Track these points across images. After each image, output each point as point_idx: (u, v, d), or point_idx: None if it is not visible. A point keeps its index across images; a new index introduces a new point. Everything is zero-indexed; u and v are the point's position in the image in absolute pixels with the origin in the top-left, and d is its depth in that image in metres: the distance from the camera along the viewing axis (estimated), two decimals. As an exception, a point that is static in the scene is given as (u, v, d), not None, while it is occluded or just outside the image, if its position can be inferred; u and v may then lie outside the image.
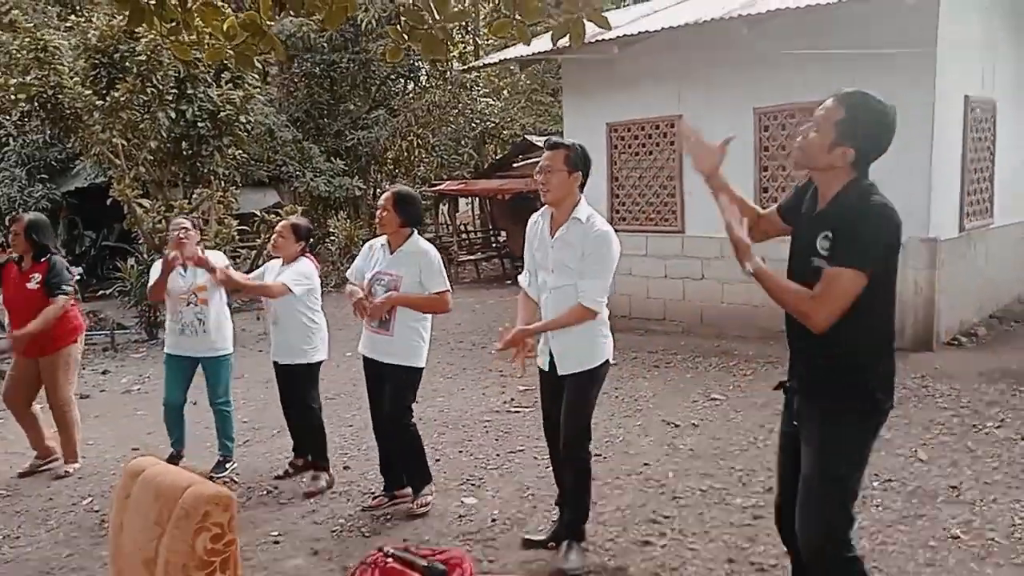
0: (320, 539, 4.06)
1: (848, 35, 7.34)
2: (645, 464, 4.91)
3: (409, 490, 4.43)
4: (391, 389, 4.28)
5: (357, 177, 16.91)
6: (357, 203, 17.97)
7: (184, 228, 4.92)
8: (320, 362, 4.92)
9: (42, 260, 5.19)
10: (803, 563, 2.55)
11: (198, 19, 3.91)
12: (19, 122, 15.42)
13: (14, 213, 6.44)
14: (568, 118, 10.11)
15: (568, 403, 3.61)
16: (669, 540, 3.85)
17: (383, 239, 4.35)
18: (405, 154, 19.72)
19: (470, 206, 24.00)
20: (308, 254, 4.93)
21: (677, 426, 5.62)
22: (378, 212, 4.27)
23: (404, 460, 4.41)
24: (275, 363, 4.97)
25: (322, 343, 4.90)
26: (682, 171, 8.79)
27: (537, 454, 5.20)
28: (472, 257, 17.76)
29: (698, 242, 8.69)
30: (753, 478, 4.61)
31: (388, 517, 4.31)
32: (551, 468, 4.01)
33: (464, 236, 20.68)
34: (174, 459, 5.01)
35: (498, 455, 5.29)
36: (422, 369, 4.33)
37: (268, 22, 3.87)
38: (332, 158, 16.87)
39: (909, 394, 6.03)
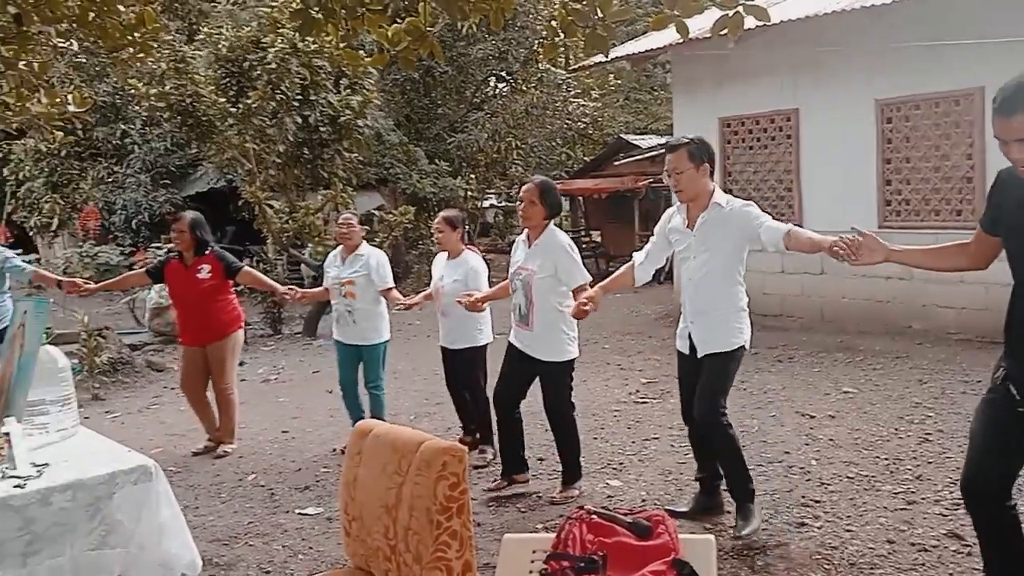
0: (478, 512, 4.26)
1: (972, 22, 7.17)
2: (786, 452, 4.94)
3: (527, 476, 4.55)
4: (548, 385, 4.37)
5: (459, 178, 17.30)
6: (456, 204, 18.37)
7: (346, 223, 5.40)
8: (486, 345, 5.15)
9: (206, 253, 5.59)
10: None
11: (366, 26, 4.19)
12: (143, 130, 16.51)
13: (174, 214, 6.95)
14: (678, 113, 10.16)
15: (704, 383, 3.69)
16: (824, 522, 3.89)
17: (524, 233, 4.41)
18: (500, 155, 20.06)
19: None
20: (470, 245, 5.16)
21: (813, 417, 5.62)
22: (521, 206, 4.30)
23: (565, 451, 4.46)
24: (443, 348, 5.23)
25: (487, 326, 5.13)
26: (799, 165, 8.73)
27: (673, 442, 5.30)
28: (569, 256, 17.88)
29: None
30: (901, 466, 4.59)
31: (539, 496, 4.48)
32: (693, 450, 4.11)
33: (560, 236, 20.86)
34: None
35: (633, 442, 5.40)
36: (571, 361, 4.35)
37: (429, 28, 4.11)
38: (434, 160, 17.31)
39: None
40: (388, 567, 2.34)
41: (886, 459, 4.72)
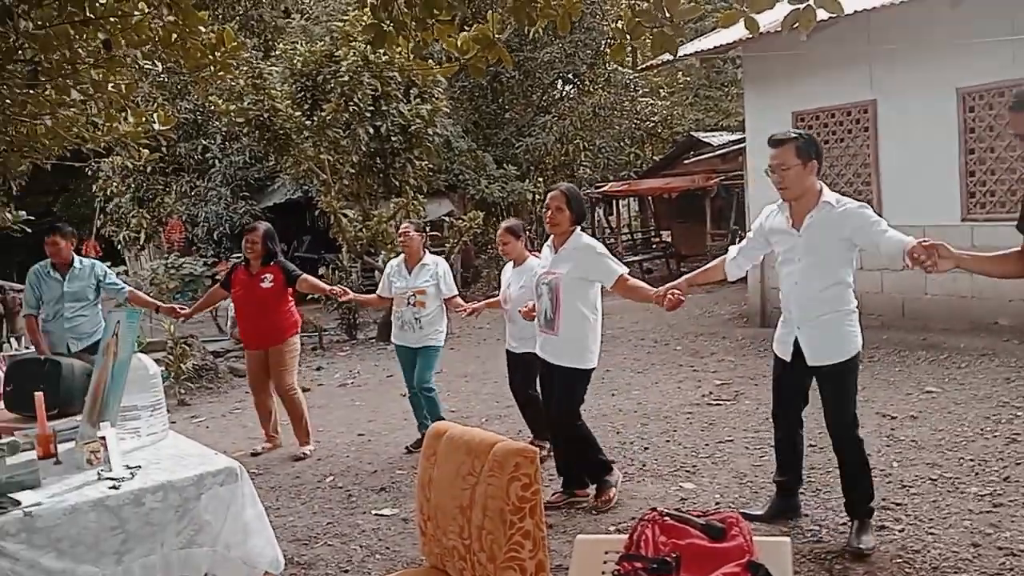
0: (550, 514, 4.28)
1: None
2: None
3: (591, 490, 4.37)
4: (559, 390, 4.26)
5: (527, 182, 17.39)
6: (520, 208, 18.46)
7: (405, 232, 5.65)
8: None
9: (271, 263, 5.78)
10: None
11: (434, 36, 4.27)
12: (223, 145, 17.13)
13: (248, 224, 7.19)
14: (750, 110, 9.99)
15: (830, 398, 3.61)
16: (906, 525, 3.79)
17: (551, 240, 4.33)
18: (568, 157, 20.06)
19: (627, 208, 24.03)
20: (535, 252, 5.21)
21: (894, 418, 5.46)
22: (548, 213, 4.21)
23: (579, 460, 4.35)
24: (508, 352, 5.31)
25: None
26: (878, 158, 8.48)
27: (748, 444, 5.23)
28: (636, 258, 17.75)
29: (899, 231, 8.34)
30: (987, 467, 4.42)
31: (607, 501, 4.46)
32: (776, 453, 4.03)
33: (627, 237, 20.73)
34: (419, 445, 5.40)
35: (707, 444, 5.34)
36: (589, 371, 4.25)
37: (498, 35, 4.17)
38: (502, 165, 17.44)
39: None
40: (463, 566, 2.40)
41: (971, 460, 4.56)
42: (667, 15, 3.45)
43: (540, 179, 20.25)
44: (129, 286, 6.64)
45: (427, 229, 5.95)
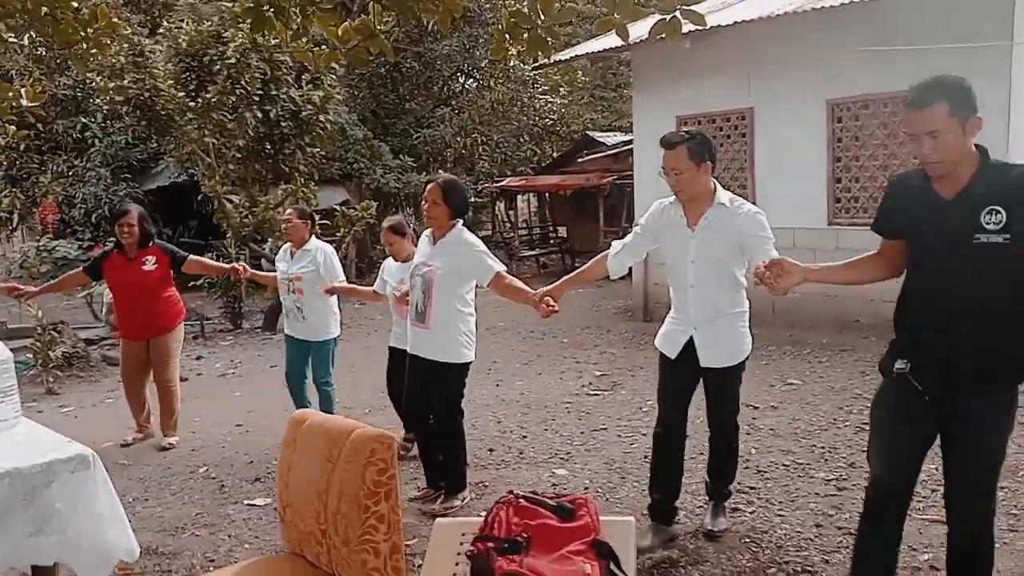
0: (425, 504, 4.35)
1: (921, 25, 7.38)
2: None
3: (460, 498, 4.26)
4: (433, 385, 4.15)
5: (425, 173, 17.34)
6: (418, 200, 18.40)
7: (287, 219, 5.45)
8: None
9: (150, 245, 5.58)
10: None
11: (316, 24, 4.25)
12: (103, 124, 16.33)
13: (120, 206, 6.74)
14: (637, 112, 10.30)
15: (718, 398, 3.67)
16: (757, 508, 4.04)
17: (429, 231, 4.25)
18: (467, 151, 20.13)
19: (527, 203, 24.34)
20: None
21: (756, 408, 5.79)
22: (425, 206, 4.12)
23: (446, 456, 4.29)
24: (391, 348, 5.25)
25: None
26: (753, 163, 8.91)
27: (620, 432, 5.44)
28: (532, 252, 18.02)
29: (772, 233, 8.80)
30: (835, 454, 4.76)
31: (485, 485, 4.57)
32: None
33: (525, 231, 20.98)
34: None
35: (582, 433, 5.52)
36: (465, 365, 4.18)
37: (379, 26, 4.18)
38: (399, 155, 17.33)
39: None
40: (319, 550, 2.43)
41: (822, 448, 4.89)
42: (541, 18, 3.56)
43: (441, 171, 20.24)
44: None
45: (315, 217, 5.79)
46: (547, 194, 20.41)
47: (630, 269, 4.36)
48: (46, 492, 2.53)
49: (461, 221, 4.19)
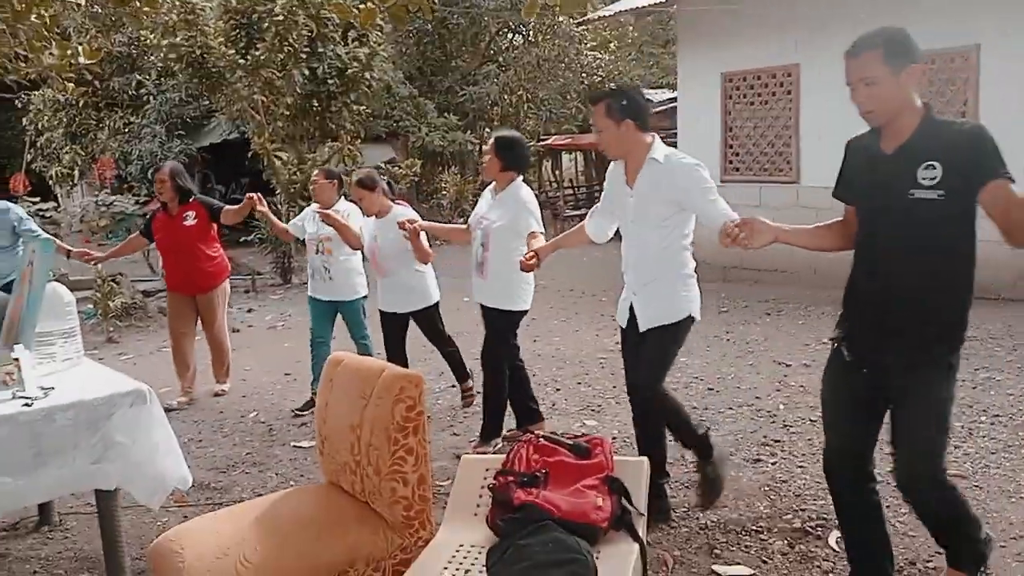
0: (460, 447, 4.56)
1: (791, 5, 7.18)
2: (756, 397, 5.20)
3: (542, 424, 4.51)
4: (489, 331, 4.36)
5: (470, 132, 17.40)
6: (466, 158, 18.51)
7: (314, 180, 5.40)
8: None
9: (190, 201, 5.73)
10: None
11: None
12: (158, 81, 16.71)
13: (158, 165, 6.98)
14: (682, 69, 10.22)
15: (645, 359, 3.36)
16: (780, 459, 4.15)
17: (492, 184, 4.40)
18: (513, 109, 20.11)
19: (574, 162, 24.25)
20: (397, 200, 5.13)
21: (788, 365, 5.86)
22: (486, 158, 4.38)
23: (489, 403, 4.45)
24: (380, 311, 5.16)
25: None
26: (799, 121, 8.81)
27: (652, 386, 5.57)
28: (577, 212, 18.01)
29: (813, 192, 8.71)
30: (862, 411, 4.82)
31: (527, 431, 4.75)
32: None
33: (570, 191, 20.98)
34: (309, 407, 5.38)
35: (614, 387, 5.64)
36: (518, 313, 4.35)
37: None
38: (444, 114, 17.40)
39: None
40: (353, 479, 2.63)
41: (850, 404, 4.95)
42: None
43: (487, 129, 20.27)
44: (57, 224, 6.56)
45: (342, 178, 5.70)
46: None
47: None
48: (107, 423, 2.76)
49: (520, 176, 4.31)
